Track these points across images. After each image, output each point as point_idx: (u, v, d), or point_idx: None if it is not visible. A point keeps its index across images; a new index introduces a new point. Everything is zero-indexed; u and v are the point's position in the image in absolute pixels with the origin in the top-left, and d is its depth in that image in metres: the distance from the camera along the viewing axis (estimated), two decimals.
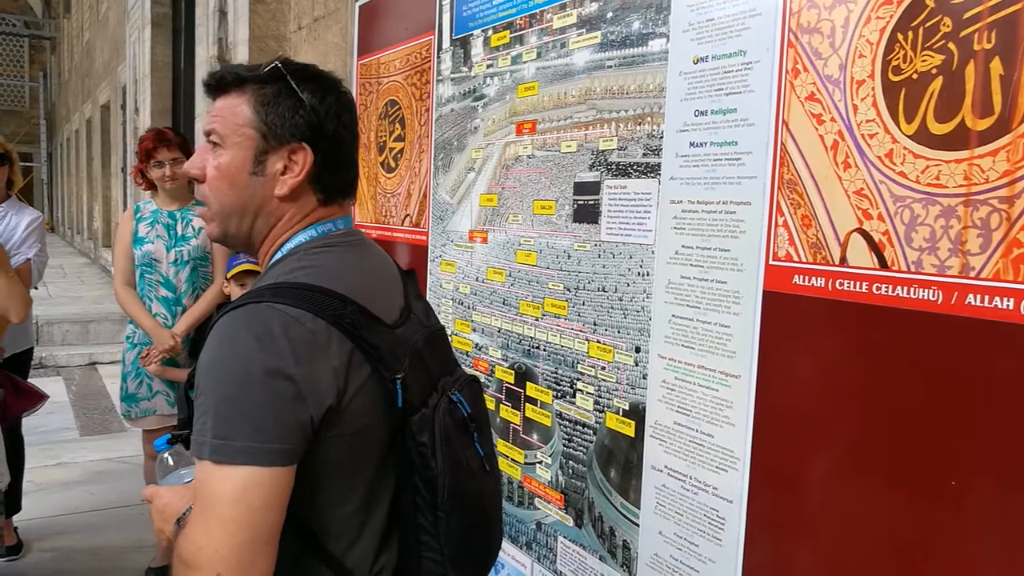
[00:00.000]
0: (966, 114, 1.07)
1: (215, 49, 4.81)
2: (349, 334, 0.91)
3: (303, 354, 0.87)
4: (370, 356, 0.92)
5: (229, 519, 0.83)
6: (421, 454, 0.95)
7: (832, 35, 1.23)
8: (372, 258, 1.08)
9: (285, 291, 0.91)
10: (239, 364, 0.86)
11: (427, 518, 0.97)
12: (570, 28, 1.80)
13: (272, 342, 0.86)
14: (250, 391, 0.85)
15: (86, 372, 6.74)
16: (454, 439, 0.98)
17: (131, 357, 2.87)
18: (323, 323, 0.89)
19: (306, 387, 0.86)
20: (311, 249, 1.01)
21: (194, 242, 2.86)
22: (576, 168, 1.78)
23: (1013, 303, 1.02)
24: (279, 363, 0.85)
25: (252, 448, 0.84)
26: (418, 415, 0.96)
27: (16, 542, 3.06)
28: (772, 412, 1.34)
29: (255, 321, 0.88)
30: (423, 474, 0.96)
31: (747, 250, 1.37)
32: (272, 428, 0.85)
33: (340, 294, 0.93)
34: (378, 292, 1.02)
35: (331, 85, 1.04)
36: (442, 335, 1.14)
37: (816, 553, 1.28)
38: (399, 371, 0.95)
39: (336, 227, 1.05)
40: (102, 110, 12.40)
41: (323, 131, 1.00)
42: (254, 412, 0.85)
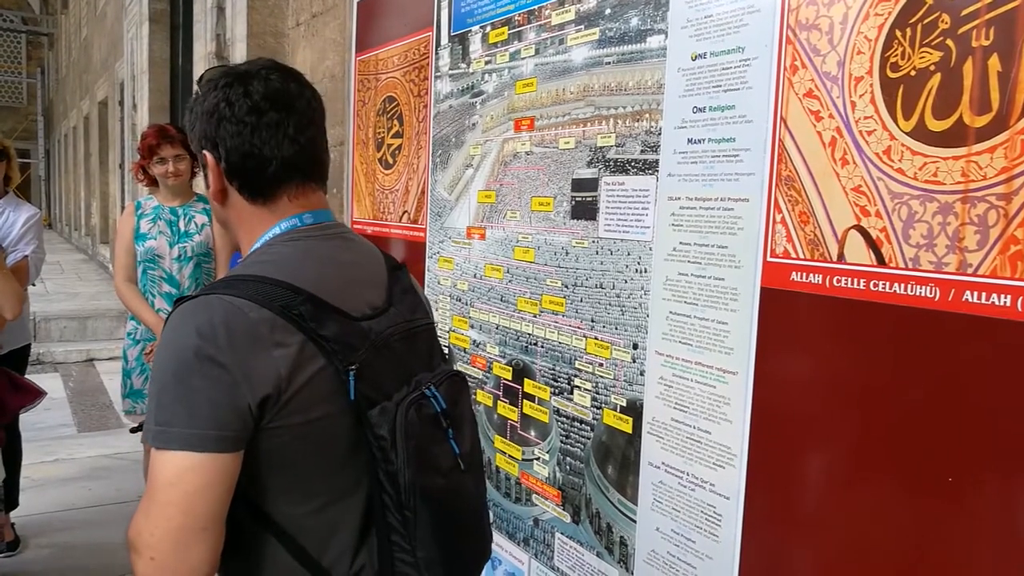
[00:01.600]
0: (964, 111, 1.07)
1: (213, 45, 4.80)
2: (297, 324, 0.90)
3: (240, 343, 0.87)
4: (321, 347, 0.91)
5: (165, 503, 0.85)
6: (381, 448, 0.94)
7: (830, 32, 1.23)
8: (344, 251, 1.06)
9: (235, 283, 0.93)
10: (178, 353, 0.88)
11: (396, 517, 0.95)
12: (568, 24, 1.79)
13: (211, 331, 0.87)
14: (187, 378, 0.87)
15: (83, 368, 6.73)
16: (421, 434, 0.96)
17: (134, 353, 2.86)
18: (268, 313, 0.89)
19: (240, 375, 0.87)
20: (273, 243, 1.02)
21: (197, 238, 2.86)
22: (574, 165, 1.78)
23: (1010, 300, 1.02)
24: (213, 351, 0.86)
25: (187, 434, 0.85)
26: (377, 408, 0.95)
27: (14, 538, 3.06)
28: (769, 409, 1.34)
29: (199, 311, 0.90)
30: (385, 469, 0.94)
31: (745, 247, 1.37)
32: (207, 414, 0.86)
33: (291, 285, 0.93)
34: (345, 284, 1.01)
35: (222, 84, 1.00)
36: (425, 331, 1.12)
37: (813, 549, 1.28)
38: (352, 362, 0.93)
39: (303, 222, 1.03)
40: (100, 106, 12.37)
41: (213, 134, 1.00)
42: (189, 399, 0.86)
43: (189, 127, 1.04)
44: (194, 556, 0.86)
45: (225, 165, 1.00)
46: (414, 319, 1.09)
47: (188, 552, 0.86)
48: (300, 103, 1.01)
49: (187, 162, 2.87)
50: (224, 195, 1.03)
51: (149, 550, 0.85)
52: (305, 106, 1.02)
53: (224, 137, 0.99)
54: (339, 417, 0.94)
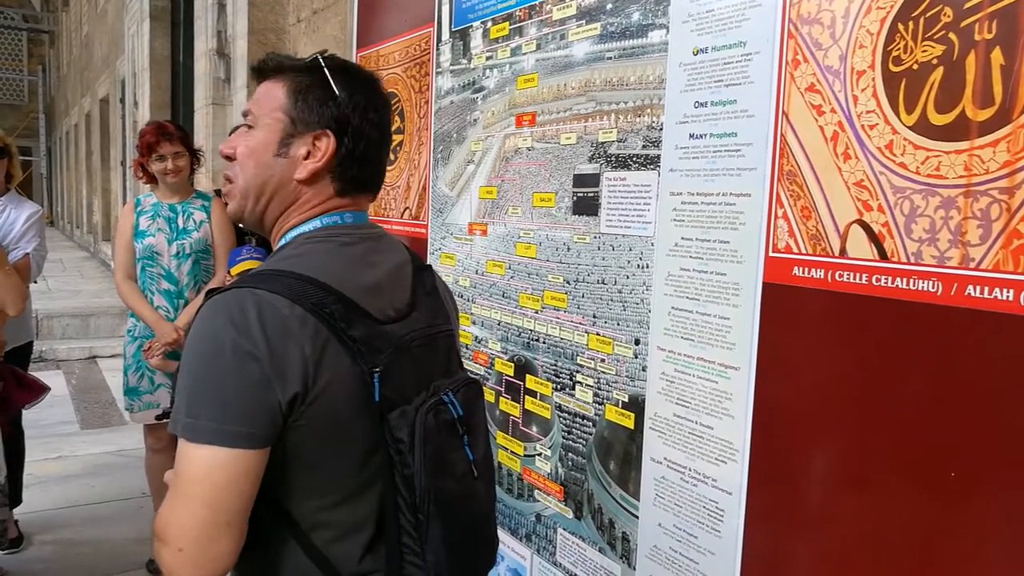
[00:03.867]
0: (966, 105, 1.06)
1: (214, 42, 4.80)
2: (327, 324, 0.91)
3: (273, 338, 0.88)
4: (348, 348, 0.92)
5: (193, 496, 0.86)
6: (399, 451, 0.95)
7: (832, 25, 1.23)
8: (376, 253, 1.07)
9: (269, 278, 0.93)
10: (212, 345, 0.89)
11: (408, 519, 0.96)
12: (570, 19, 1.79)
13: (245, 325, 0.88)
14: (219, 372, 0.87)
15: (86, 366, 6.74)
16: (438, 439, 0.97)
17: (132, 350, 2.87)
18: (300, 310, 0.90)
19: (273, 371, 0.87)
20: (311, 238, 1.02)
21: (195, 235, 2.86)
22: (576, 160, 1.77)
23: (1013, 294, 1.01)
24: (248, 346, 0.87)
25: (217, 428, 0.86)
26: (397, 410, 0.95)
27: (17, 535, 3.07)
28: (771, 404, 1.34)
29: (233, 305, 0.90)
30: (401, 472, 0.95)
31: (747, 242, 1.36)
32: (238, 410, 0.87)
33: (324, 284, 0.94)
34: (373, 286, 1.01)
35: (364, 81, 1.06)
36: (445, 337, 1.12)
37: (815, 544, 1.28)
38: (377, 364, 0.94)
39: (343, 220, 1.05)
40: (101, 104, 12.38)
41: (348, 123, 1.02)
42: (222, 393, 0.87)
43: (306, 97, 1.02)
44: (218, 549, 0.87)
45: (344, 152, 1.02)
46: (435, 324, 1.10)
47: (213, 545, 0.87)
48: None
49: (186, 159, 2.86)
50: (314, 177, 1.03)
51: (177, 541, 0.87)
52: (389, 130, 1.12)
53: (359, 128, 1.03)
54: (360, 418, 0.95)
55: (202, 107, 5.10)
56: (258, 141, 1.03)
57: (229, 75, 4.71)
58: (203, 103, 5.06)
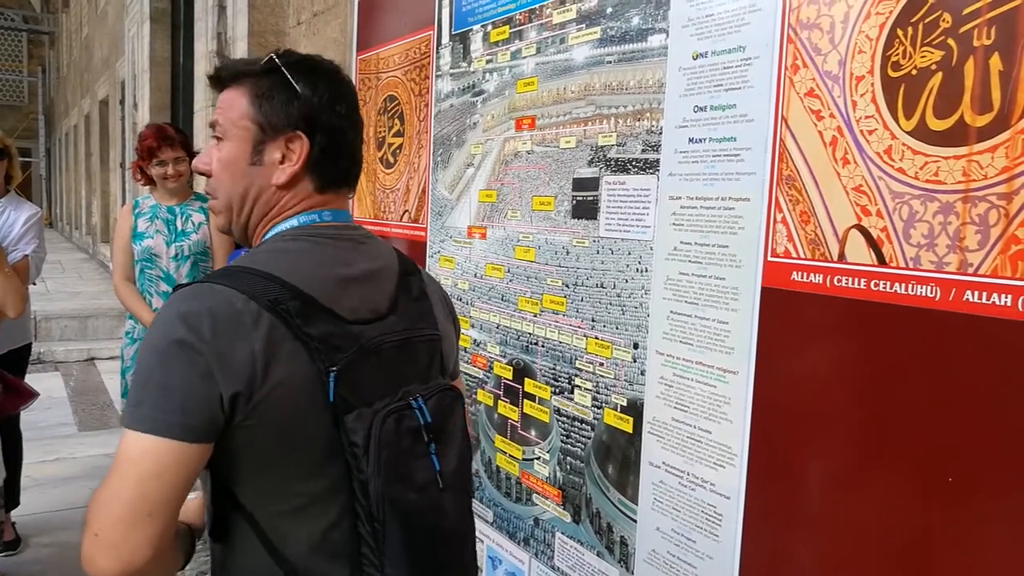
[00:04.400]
0: (965, 110, 1.07)
1: (214, 44, 4.80)
2: (283, 320, 0.90)
3: (221, 333, 0.87)
4: (305, 345, 0.91)
5: (120, 481, 0.86)
6: (354, 455, 0.93)
7: (832, 31, 1.23)
8: (355, 253, 1.04)
9: (231, 274, 0.93)
10: (160, 339, 0.89)
11: (366, 528, 0.94)
12: (570, 23, 1.79)
13: (196, 319, 0.87)
14: (164, 363, 0.87)
15: (84, 368, 6.73)
16: (397, 445, 0.94)
17: (131, 352, 2.86)
18: (255, 306, 0.89)
19: (216, 365, 0.86)
20: (285, 236, 1.02)
21: (194, 237, 2.85)
22: (575, 164, 1.78)
23: (1011, 299, 1.02)
24: (194, 338, 0.86)
25: (154, 416, 0.86)
26: (354, 413, 0.93)
27: (14, 537, 3.06)
28: (770, 408, 1.34)
29: (188, 299, 0.90)
30: (357, 478, 0.93)
31: (746, 246, 1.37)
32: (176, 400, 0.86)
33: (285, 281, 0.92)
34: (342, 286, 0.99)
35: (327, 74, 1.04)
36: (427, 342, 1.09)
37: (814, 549, 1.28)
38: (335, 363, 0.92)
39: (321, 218, 1.04)
40: (101, 105, 12.38)
41: (318, 121, 1.01)
42: (163, 384, 0.86)
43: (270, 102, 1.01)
44: (135, 538, 0.85)
45: (318, 150, 1.01)
46: (415, 328, 1.07)
47: (130, 533, 0.85)
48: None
49: (187, 164, 2.86)
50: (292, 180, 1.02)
51: (95, 525, 0.86)
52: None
53: (329, 123, 1.02)
54: (317, 419, 0.93)
55: (202, 109, 5.10)
56: (230, 152, 1.02)
57: None
58: (203, 105, 5.06)
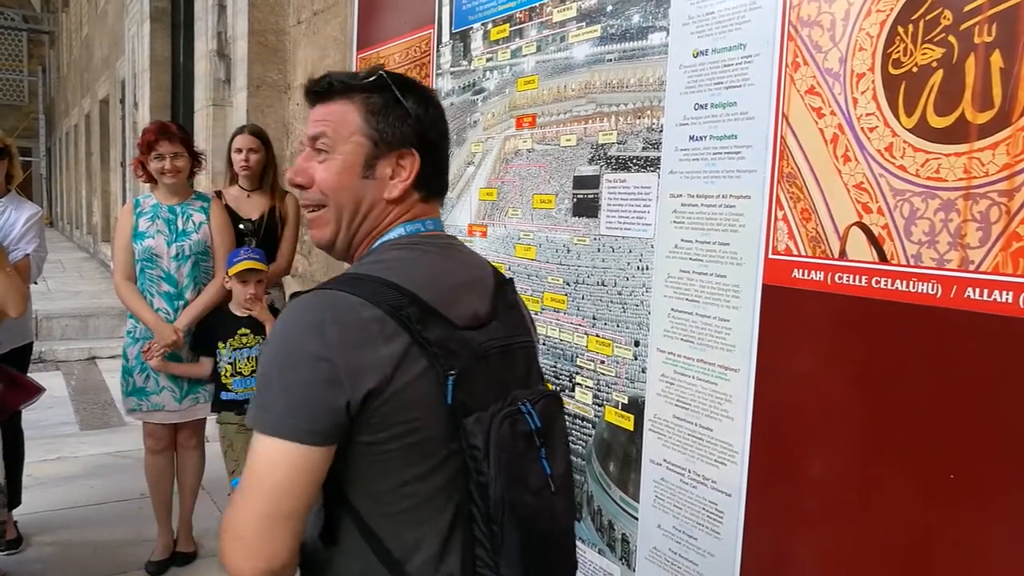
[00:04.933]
0: (966, 107, 1.07)
1: (214, 43, 4.80)
2: (404, 326, 0.92)
3: (349, 340, 0.90)
4: (425, 350, 0.93)
5: (255, 487, 0.89)
6: (474, 458, 0.94)
7: (832, 28, 1.23)
8: (455, 260, 1.09)
9: (351, 280, 0.96)
10: (287, 343, 0.92)
11: (482, 530, 0.95)
12: (570, 21, 1.79)
13: (321, 325, 0.90)
14: (291, 369, 0.90)
15: (85, 367, 6.73)
16: (513, 449, 0.96)
17: (133, 352, 2.86)
18: (379, 312, 0.92)
19: (344, 372, 0.89)
20: (395, 245, 1.05)
21: (195, 236, 2.85)
22: (576, 162, 1.78)
23: (1012, 296, 1.02)
24: (321, 346, 0.89)
25: (283, 423, 0.88)
26: (473, 416, 0.95)
27: (16, 536, 3.06)
28: (771, 406, 1.34)
29: (313, 305, 0.93)
30: (476, 480, 0.95)
31: (746, 244, 1.37)
32: (304, 407, 0.89)
33: (403, 288, 0.95)
34: (453, 293, 1.02)
35: (430, 96, 1.09)
36: (525, 349, 1.12)
37: (814, 546, 1.28)
38: (452, 367, 0.94)
39: (425, 227, 1.07)
40: (101, 104, 12.37)
41: (427, 138, 1.05)
42: (291, 389, 0.89)
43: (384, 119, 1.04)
44: (277, 542, 0.89)
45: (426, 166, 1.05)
46: (515, 335, 1.10)
47: (271, 537, 0.89)
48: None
49: (185, 160, 2.85)
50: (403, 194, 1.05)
51: (236, 530, 0.89)
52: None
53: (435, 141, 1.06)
54: (435, 422, 0.95)
55: (202, 108, 5.10)
56: (342, 165, 1.05)
57: (229, 76, 4.71)
58: (203, 104, 5.06)
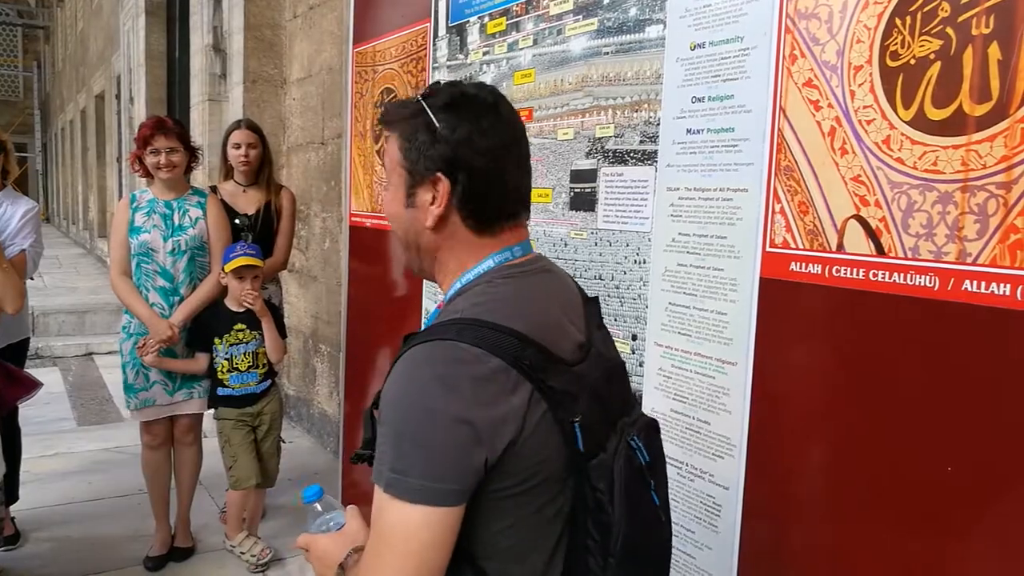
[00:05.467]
0: (964, 99, 1.06)
1: (210, 37, 4.79)
2: (527, 375, 0.90)
3: (484, 396, 0.88)
4: (548, 398, 0.91)
5: (398, 554, 0.87)
6: (597, 500, 0.94)
7: (830, 20, 1.23)
8: (550, 286, 1.05)
9: (467, 329, 0.92)
10: (421, 402, 0.88)
11: (597, 561, 0.95)
12: (567, 14, 1.78)
13: (455, 383, 0.88)
14: (430, 431, 0.87)
15: (82, 362, 6.73)
16: (632, 487, 0.96)
17: (128, 347, 2.86)
18: (502, 363, 0.89)
19: (485, 430, 0.87)
20: (492, 281, 1.00)
21: (191, 232, 2.84)
22: (573, 156, 1.77)
23: (1010, 289, 1.01)
24: (460, 406, 0.87)
25: (426, 488, 0.86)
26: (596, 460, 0.94)
27: (14, 532, 3.06)
28: (769, 399, 1.34)
29: (439, 360, 0.90)
30: (597, 519, 0.94)
31: (744, 237, 1.36)
32: (448, 470, 0.87)
33: (520, 333, 0.92)
34: (558, 327, 1.00)
35: (470, 109, 1.00)
36: (620, 370, 1.09)
37: (811, 539, 1.28)
38: (578, 414, 0.93)
39: (514, 255, 1.02)
40: (97, 100, 12.33)
41: (458, 160, 0.98)
42: (432, 452, 0.87)
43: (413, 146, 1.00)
44: None
45: (461, 190, 0.98)
46: (610, 357, 1.07)
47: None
48: (525, 135, 1.04)
49: (180, 155, 2.85)
50: (443, 221, 1.00)
51: None
52: (526, 138, 1.04)
53: (470, 162, 0.97)
54: (556, 463, 0.93)
55: (198, 103, 5.08)
56: (393, 196, 1.05)
57: (225, 71, 4.69)
58: (199, 99, 5.05)
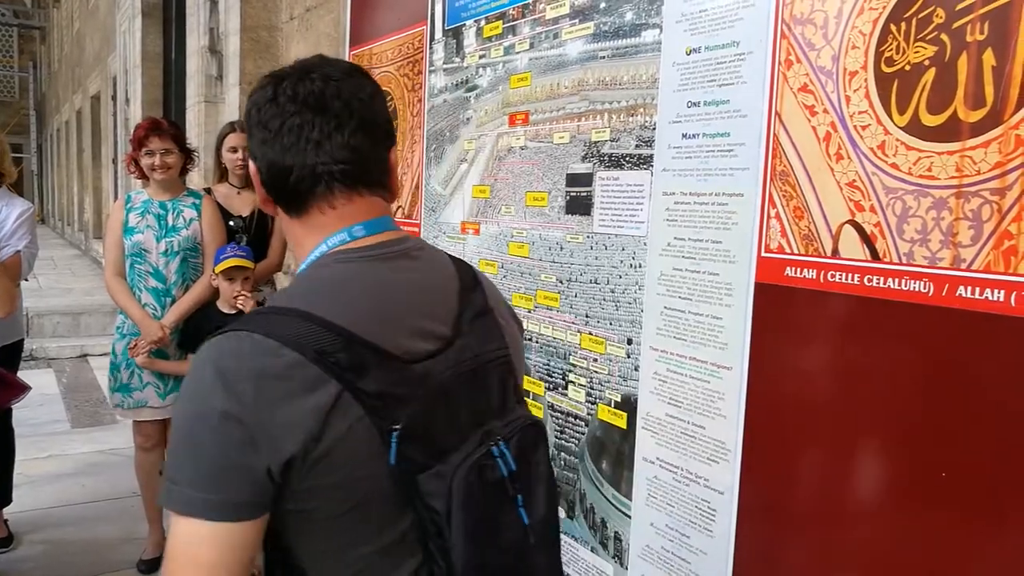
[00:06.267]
0: (958, 106, 1.07)
1: (206, 39, 4.78)
2: (335, 375, 0.78)
3: (268, 395, 0.76)
4: (362, 400, 0.78)
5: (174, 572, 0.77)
6: (433, 521, 0.80)
7: (825, 26, 1.23)
8: (404, 272, 0.90)
9: (271, 317, 0.81)
10: (195, 402, 0.79)
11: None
12: (563, 18, 1.79)
13: (235, 379, 0.77)
14: (199, 435, 0.77)
15: (77, 364, 6.71)
16: (482, 504, 0.82)
17: (121, 348, 2.85)
18: (301, 358, 0.77)
19: (261, 433, 0.76)
20: (320, 265, 0.89)
21: (184, 233, 2.84)
22: (569, 159, 1.77)
23: (1003, 295, 1.02)
24: (231, 403, 0.76)
25: (195, 499, 0.76)
26: (428, 473, 0.80)
27: (7, 534, 3.05)
28: (763, 404, 1.34)
29: (225, 352, 0.80)
30: (437, 543, 0.81)
31: (739, 242, 1.37)
32: (215, 477, 0.76)
33: (331, 323, 0.80)
34: (400, 317, 0.86)
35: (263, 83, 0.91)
36: (500, 365, 0.93)
37: (806, 544, 1.28)
38: (397, 420, 0.79)
39: (352, 235, 0.89)
40: (92, 101, 12.31)
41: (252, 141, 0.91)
42: (200, 459, 0.77)
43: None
44: None
45: (261, 177, 0.91)
46: (484, 351, 0.92)
47: None
48: (335, 104, 0.88)
49: (175, 156, 2.85)
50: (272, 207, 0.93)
51: None
52: (342, 107, 0.88)
53: (256, 146, 0.89)
54: (380, 481, 0.81)
55: (194, 104, 5.07)
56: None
57: (221, 72, 4.69)
58: (195, 100, 5.04)
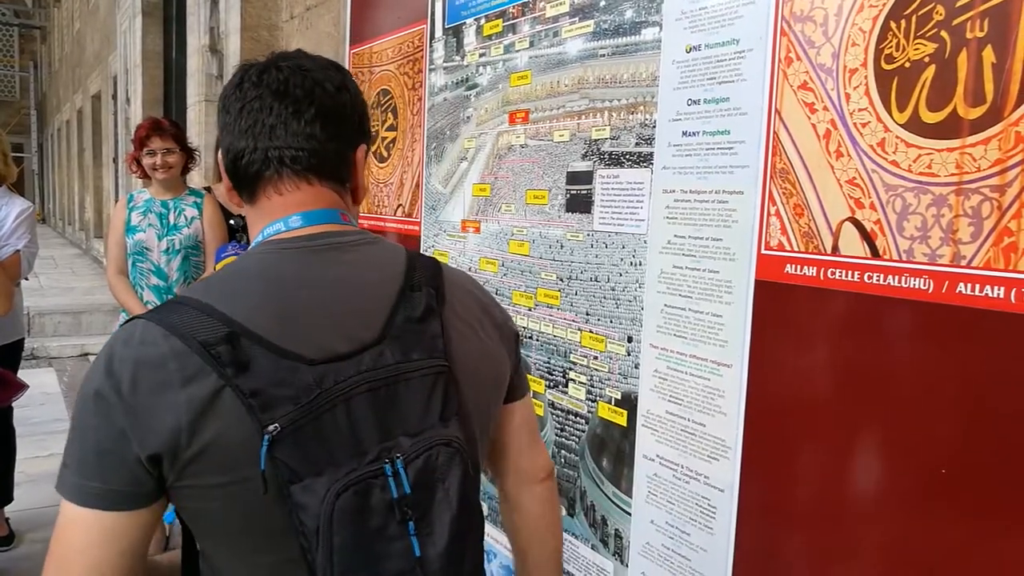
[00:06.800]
0: (958, 103, 1.07)
1: (207, 38, 4.78)
2: (215, 368, 0.74)
3: (145, 383, 0.74)
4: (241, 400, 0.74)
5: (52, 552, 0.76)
6: (304, 535, 0.73)
7: (825, 23, 1.23)
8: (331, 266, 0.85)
9: (172, 307, 0.79)
10: (84, 384, 0.78)
11: None
12: (563, 17, 1.79)
13: (119, 366, 0.75)
14: (81, 415, 0.76)
15: (78, 363, 6.71)
16: (359, 525, 0.74)
17: None
18: (184, 348, 0.74)
19: (129, 423, 0.73)
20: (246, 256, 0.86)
21: (186, 231, 2.85)
22: (569, 158, 1.77)
23: (1003, 291, 1.02)
24: (110, 390, 0.74)
25: (77, 485, 0.75)
26: (299, 485, 0.73)
27: (8, 533, 3.06)
28: (764, 401, 1.34)
29: (120, 338, 0.78)
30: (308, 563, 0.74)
31: (739, 239, 1.37)
32: (92, 463, 0.74)
33: (224, 315, 0.76)
34: (306, 314, 0.80)
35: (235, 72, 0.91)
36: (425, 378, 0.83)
37: (807, 541, 1.28)
38: (274, 420, 0.73)
39: (287, 225, 0.86)
40: (93, 100, 12.32)
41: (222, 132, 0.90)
42: (83, 445, 0.76)
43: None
44: None
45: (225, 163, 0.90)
46: (409, 361, 0.82)
47: None
48: (297, 91, 0.86)
49: (177, 156, 2.86)
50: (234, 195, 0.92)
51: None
52: (303, 94, 0.86)
53: (220, 132, 0.90)
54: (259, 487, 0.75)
55: (195, 103, 5.08)
56: None
57: (222, 71, 4.69)
58: (195, 99, 5.04)
